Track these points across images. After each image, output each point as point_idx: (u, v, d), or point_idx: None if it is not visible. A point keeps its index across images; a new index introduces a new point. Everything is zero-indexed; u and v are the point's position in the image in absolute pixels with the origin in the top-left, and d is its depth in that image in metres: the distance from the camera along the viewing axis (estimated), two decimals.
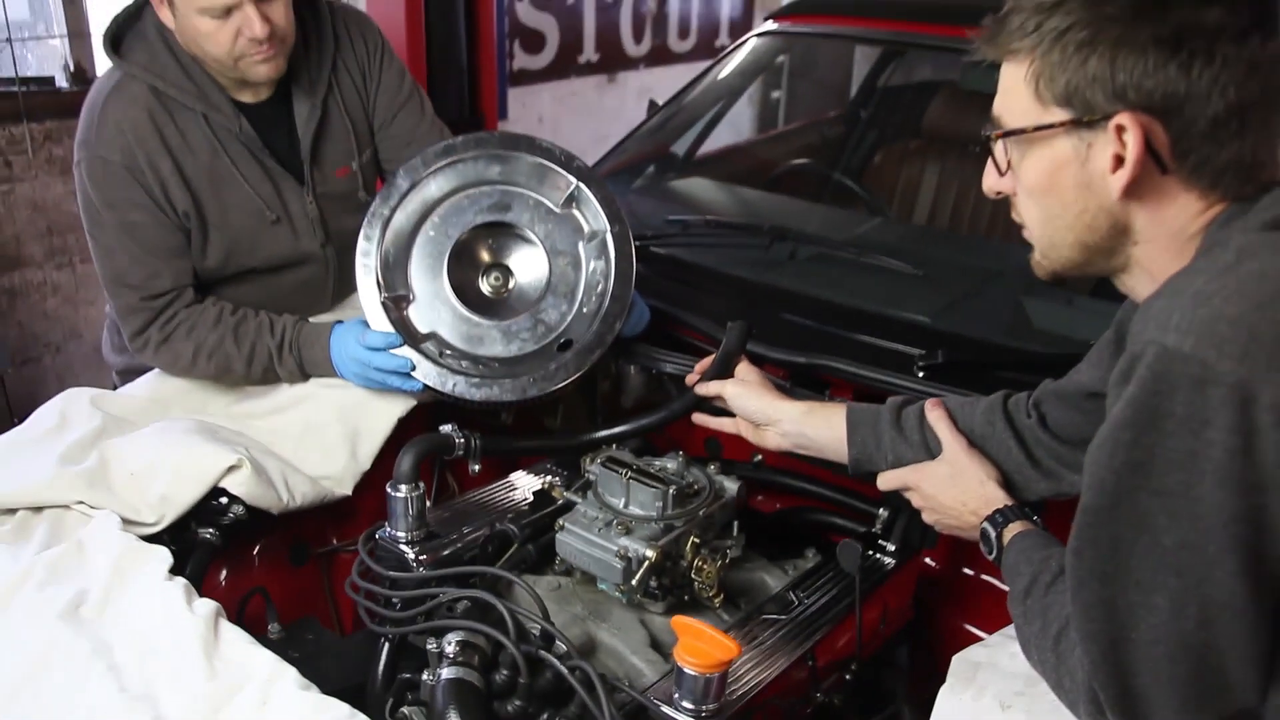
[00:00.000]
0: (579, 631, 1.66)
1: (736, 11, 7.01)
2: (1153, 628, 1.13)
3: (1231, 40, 1.13)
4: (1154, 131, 1.16)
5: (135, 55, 2.08)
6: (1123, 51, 1.15)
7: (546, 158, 2.11)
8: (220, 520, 1.90)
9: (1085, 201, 1.23)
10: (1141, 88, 1.14)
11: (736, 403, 1.91)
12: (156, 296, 2.11)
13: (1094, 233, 1.24)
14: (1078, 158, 1.21)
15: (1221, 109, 1.14)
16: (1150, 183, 1.19)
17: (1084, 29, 1.16)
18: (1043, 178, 1.25)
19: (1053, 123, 1.21)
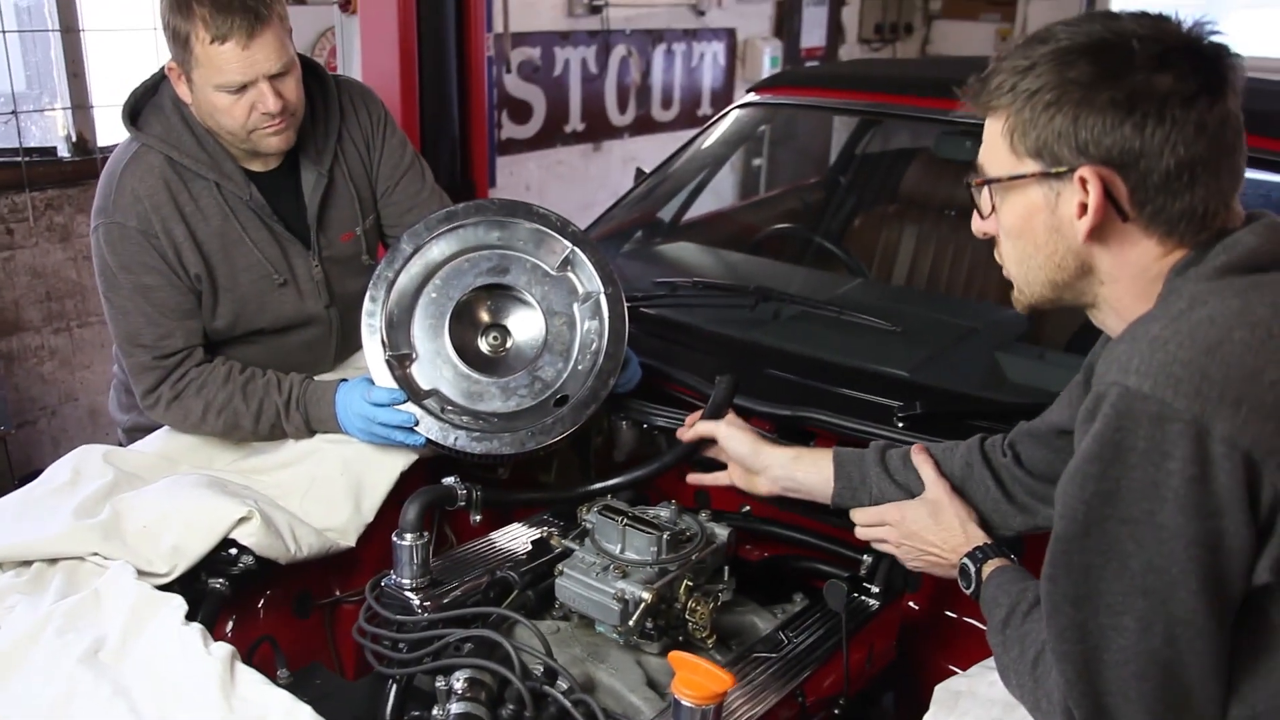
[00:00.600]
0: (578, 672, 1.73)
1: (718, 82, 7.19)
2: (1122, 648, 1.22)
3: (1180, 104, 1.26)
4: (1113, 183, 1.29)
5: (152, 127, 2.18)
6: (1084, 111, 1.28)
7: (543, 223, 2.22)
8: (230, 570, 1.96)
9: (1055, 244, 1.35)
10: (1100, 144, 1.27)
11: (729, 444, 2.01)
12: (168, 356, 2.19)
13: (1063, 272, 1.37)
14: (1048, 205, 1.34)
15: (1173, 164, 1.27)
16: (1112, 228, 1.32)
17: (1051, 91, 1.30)
18: (1018, 221, 1.38)
19: (1025, 173, 1.34)
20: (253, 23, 2.02)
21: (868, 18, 8.33)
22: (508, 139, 5.89)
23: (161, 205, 2.14)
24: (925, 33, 8.73)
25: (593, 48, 6.24)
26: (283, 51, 2.08)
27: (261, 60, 2.05)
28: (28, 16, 4.11)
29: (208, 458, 2.26)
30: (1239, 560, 1.18)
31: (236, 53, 2.02)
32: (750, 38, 7.31)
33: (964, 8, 8.52)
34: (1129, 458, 1.18)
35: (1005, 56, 1.36)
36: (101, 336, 4.30)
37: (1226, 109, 1.29)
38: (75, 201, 4.13)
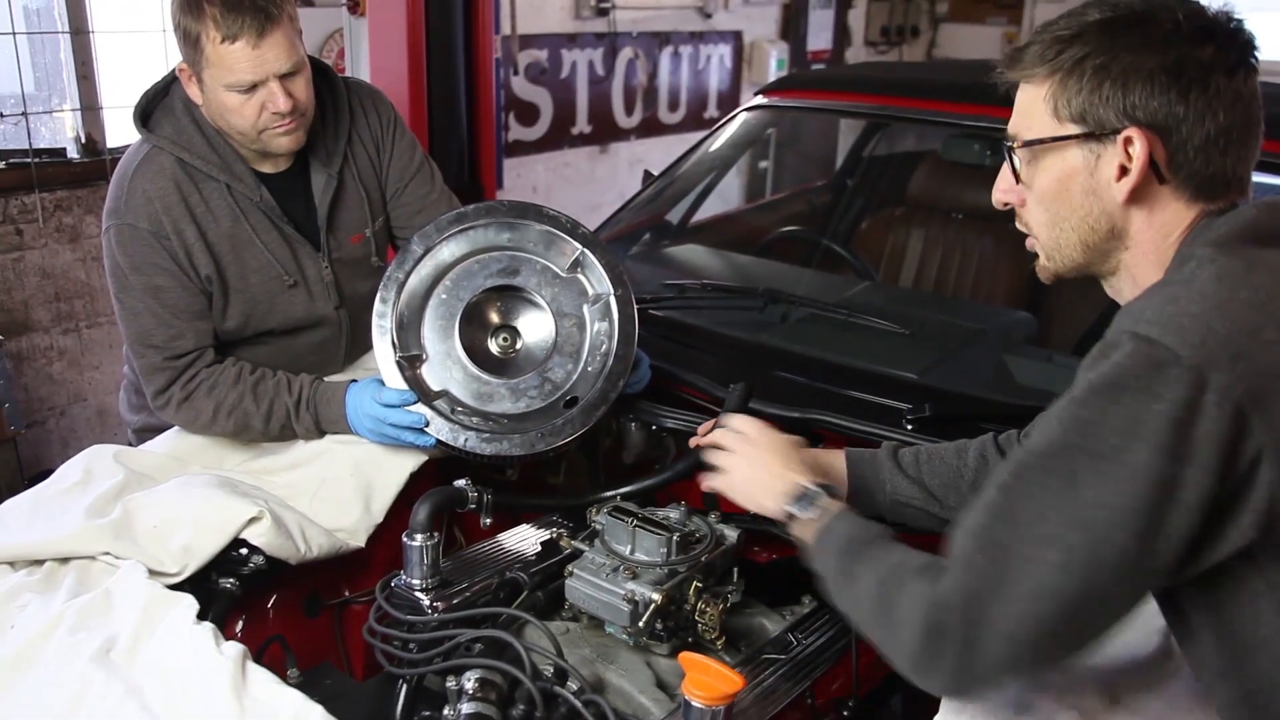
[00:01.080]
0: (588, 672, 1.73)
1: (724, 84, 7.19)
2: (1035, 584, 1.23)
3: (1222, 73, 1.33)
4: (1155, 146, 1.34)
5: (163, 129, 2.19)
6: (1132, 77, 1.34)
7: (553, 225, 2.23)
8: (240, 570, 1.97)
9: (1090, 206, 1.40)
10: (1147, 108, 1.33)
11: None
12: (179, 356, 2.20)
13: (1095, 234, 1.42)
14: (1087, 167, 1.38)
15: (1212, 130, 1.34)
16: (1148, 190, 1.37)
17: (1099, 57, 1.35)
18: (1055, 184, 1.42)
19: (1068, 134, 1.38)
20: (263, 22, 2.03)
21: (874, 20, 8.33)
22: (515, 141, 5.90)
23: (172, 206, 2.15)
24: (932, 35, 8.73)
25: (599, 50, 6.25)
26: (293, 51, 2.09)
27: (272, 60, 2.06)
28: (37, 18, 4.12)
29: (218, 458, 2.27)
30: (1187, 517, 1.20)
31: (247, 52, 2.03)
32: (757, 40, 7.31)
33: (971, 11, 8.52)
34: (1121, 395, 1.22)
35: (1044, 29, 1.41)
36: (110, 337, 4.31)
37: (1255, 84, 1.37)
38: (84, 203, 4.14)
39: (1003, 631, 1.24)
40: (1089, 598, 1.23)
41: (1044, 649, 1.27)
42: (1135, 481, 1.20)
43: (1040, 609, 1.23)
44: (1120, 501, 1.20)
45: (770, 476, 1.70)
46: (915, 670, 1.32)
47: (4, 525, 2.00)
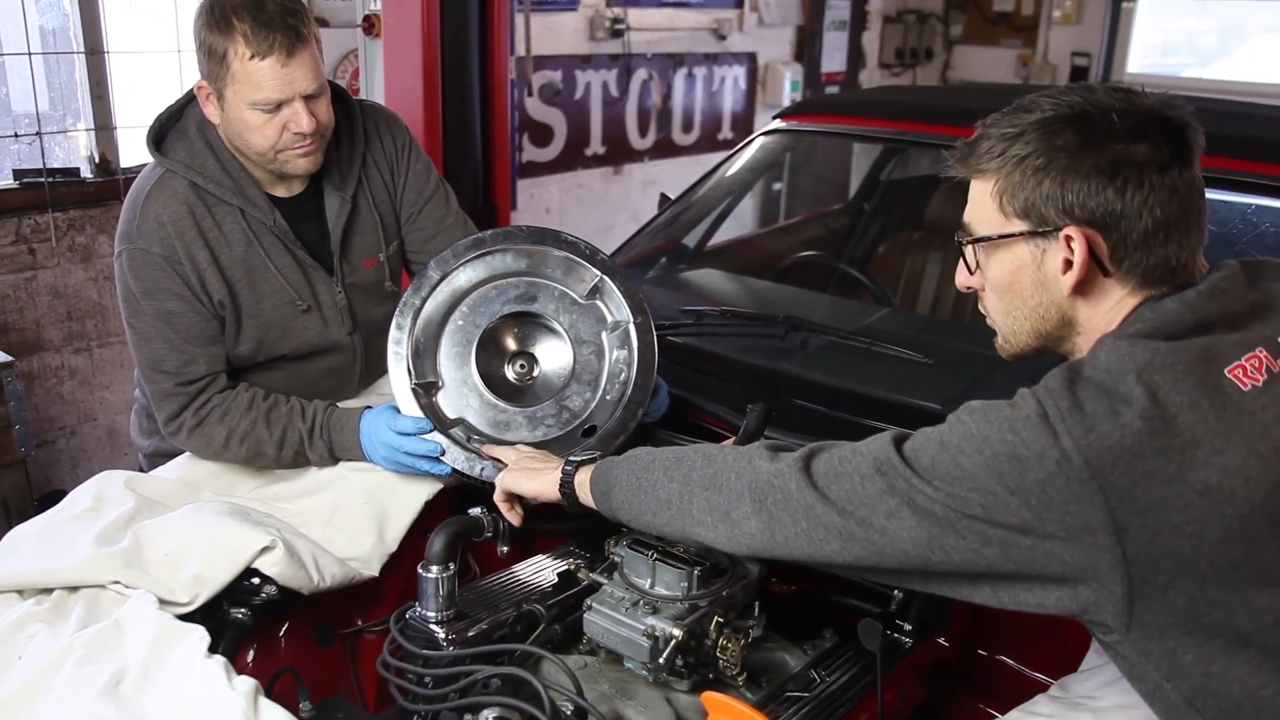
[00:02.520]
0: (607, 709, 1.69)
1: (739, 106, 7.18)
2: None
3: (1156, 170, 1.39)
4: (1096, 241, 1.41)
5: (176, 153, 2.17)
6: (1070, 177, 1.40)
7: (571, 251, 2.20)
8: (252, 600, 1.94)
9: (1040, 297, 1.48)
10: (1085, 206, 1.40)
11: None
12: (191, 382, 2.18)
13: (1046, 323, 1.50)
14: (1034, 261, 1.45)
15: (1150, 224, 1.40)
16: (1093, 282, 1.45)
17: (1039, 157, 1.41)
18: (1006, 276, 1.49)
19: (1014, 232, 1.46)
20: (293, 41, 2.01)
21: (889, 43, 8.33)
22: (528, 161, 5.89)
23: (185, 231, 2.13)
24: (946, 58, 8.72)
25: (614, 71, 6.25)
26: (318, 72, 2.08)
27: (299, 79, 2.04)
28: (53, 38, 4.12)
29: (230, 484, 2.24)
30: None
31: (275, 70, 2.01)
32: (771, 62, 7.31)
33: (985, 33, 8.51)
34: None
35: (992, 124, 1.47)
36: (121, 357, 4.30)
37: (1193, 174, 1.43)
38: (97, 222, 4.13)
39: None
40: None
41: None
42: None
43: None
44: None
45: (535, 468, 1.89)
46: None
47: (13, 552, 1.98)
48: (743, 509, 1.55)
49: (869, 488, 1.44)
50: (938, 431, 1.43)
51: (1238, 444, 1.30)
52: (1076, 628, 1.62)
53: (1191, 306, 1.40)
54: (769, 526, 1.52)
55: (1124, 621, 1.34)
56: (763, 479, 1.54)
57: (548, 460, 1.92)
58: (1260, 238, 2.52)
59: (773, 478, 1.53)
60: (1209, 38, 8.20)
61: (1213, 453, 1.29)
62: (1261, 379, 1.36)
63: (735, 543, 1.58)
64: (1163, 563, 1.30)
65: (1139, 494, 1.28)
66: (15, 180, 3.96)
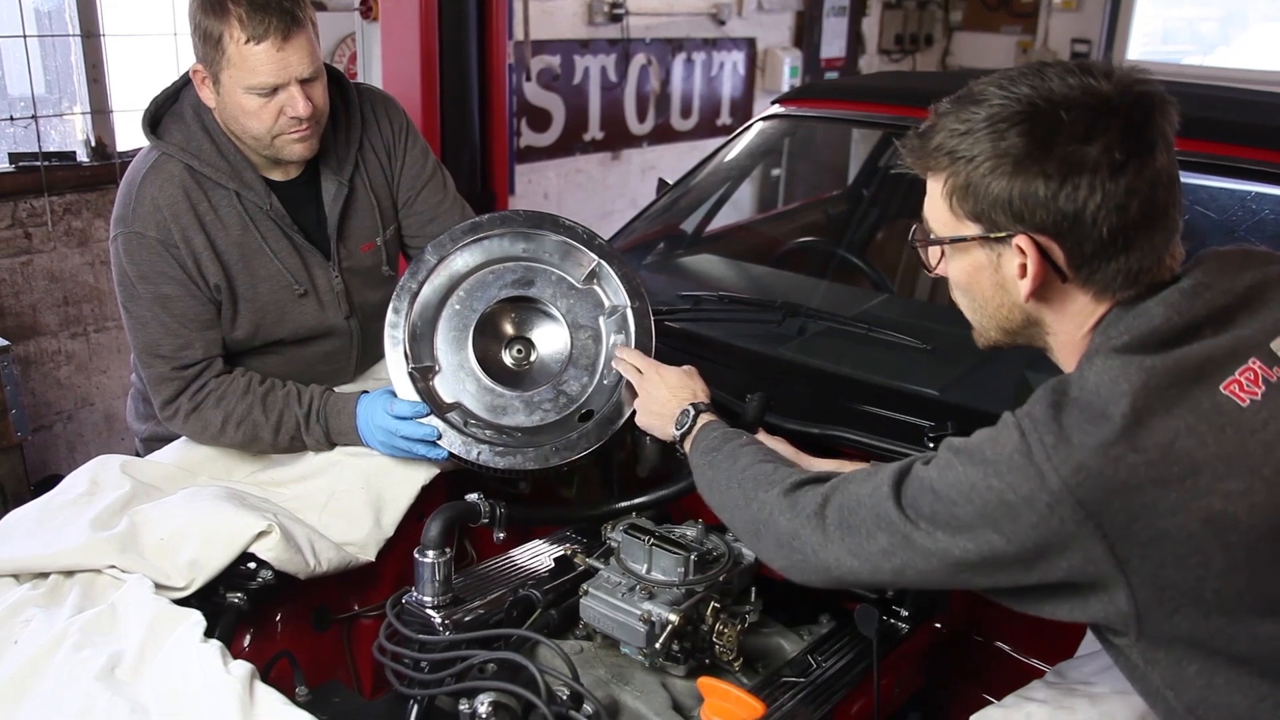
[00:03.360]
0: (603, 694, 1.69)
1: (738, 91, 7.16)
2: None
3: (1109, 173, 1.29)
4: (1051, 248, 1.34)
5: (172, 136, 2.16)
6: (1018, 182, 1.31)
7: (569, 236, 2.19)
8: (248, 585, 1.94)
9: (1001, 299, 1.42)
10: (1035, 214, 1.32)
11: None
12: (187, 366, 2.17)
13: (1011, 322, 1.44)
14: (991, 264, 1.39)
15: (1106, 231, 1.31)
16: (1052, 288, 1.37)
17: (986, 160, 1.33)
18: (964, 277, 1.44)
19: (966, 236, 1.39)
20: (289, 24, 2.00)
21: (888, 29, 8.30)
22: (526, 147, 5.87)
23: (181, 215, 2.12)
24: (946, 44, 8.70)
25: (612, 56, 6.22)
26: (314, 56, 2.07)
27: (295, 63, 2.03)
28: (49, 21, 4.10)
29: (226, 469, 2.24)
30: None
31: (271, 54, 2.00)
32: (770, 47, 7.29)
33: (985, 20, 8.49)
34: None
35: (944, 114, 1.38)
36: (118, 341, 4.29)
37: (1157, 168, 1.31)
38: (93, 206, 4.12)
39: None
40: None
41: None
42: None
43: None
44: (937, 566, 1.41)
45: (661, 407, 1.95)
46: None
47: (9, 537, 1.98)
48: (780, 562, 1.56)
49: (878, 542, 1.40)
50: (929, 476, 1.37)
51: (1240, 467, 1.24)
52: None
53: (1177, 308, 1.32)
54: (805, 575, 1.53)
55: (1134, 632, 1.31)
56: (785, 536, 1.52)
57: (668, 400, 1.95)
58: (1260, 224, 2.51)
59: (793, 537, 1.51)
60: (1210, 25, 8.18)
61: (1215, 479, 1.23)
62: (1260, 392, 1.28)
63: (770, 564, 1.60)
64: (1167, 593, 1.26)
65: (1138, 528, 1.23)
66: (11, 164, 3.94)
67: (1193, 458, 1.23)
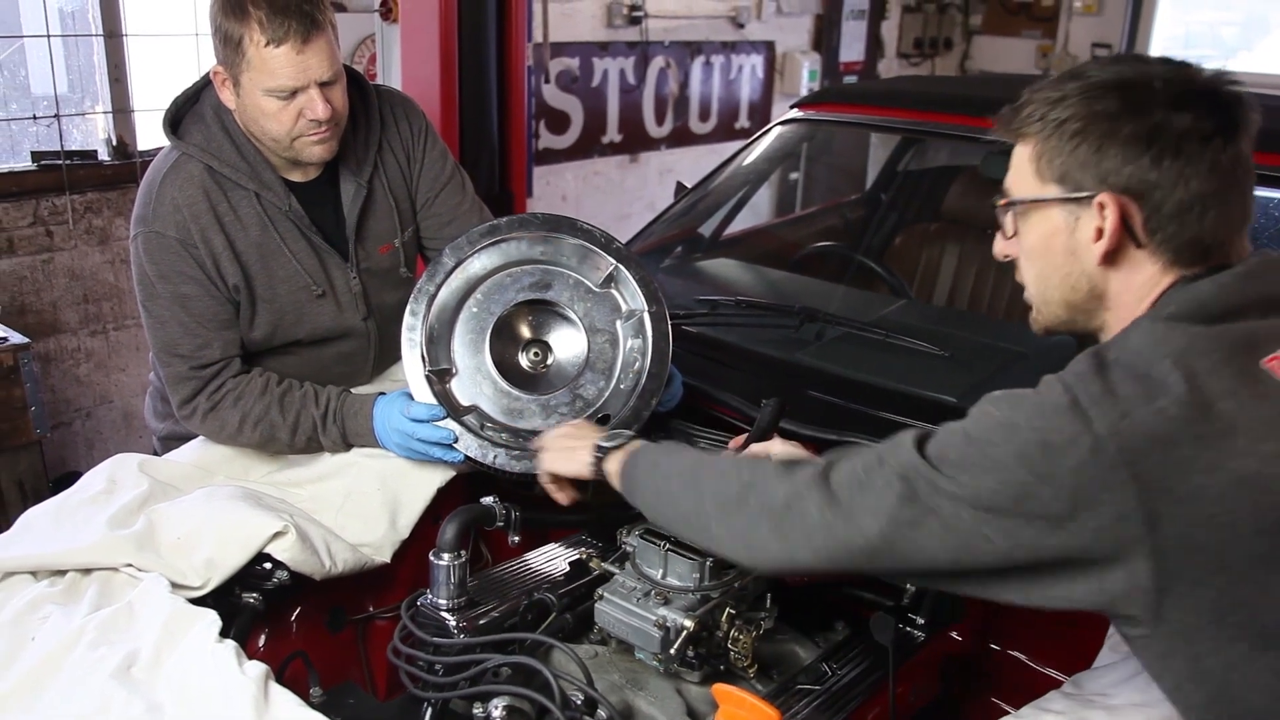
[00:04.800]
0: (617, 700, 1.69)
1: (756, 95, 7.14)
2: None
3: (1196, 142, 1.35)
4: (1129, 210, 1.38)
5: (192, 136, 2.16)
6: (1106, 143, 1.37)
7: (587, 239, 2.19)
8: (264, 585, 1.94)
9: (1071, 265, 1.44)
10: (1120, 173, 1.37)
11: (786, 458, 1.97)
12: (205, 366, 2.18)
13: (1076, 293, 1.46)
14: (1067, 227, 1.43)
15: (1185, 196, 1.36)
16: (1125, 253, 1.41)
17: (1078, 121, 1.39)
18: (1039, 242, 1.47)
19: (1049, 197, 1.44)
20: (308, 28, 2.01)
21: (907, 32, 8.27)
22: (545, 149, 5.88)
23: (201, 215, 2.13)
24: (965, 48, 8.66)
25: (631, 59, 6.22)
26: (334, 59, 2.07)
27: (315, 66, 2.03)
28: (71, 21, 4.13)
29: (243, 469, 2.24)
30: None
31: (291, 57, 2.01)
32: (789, 51, 7.27)
33: (1005, 24, 8.45)
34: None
35: (1038, 88, 1.45)
36: (137, 340, 4.31)
37: (1239, 150, 1.38)
38: (114, 205, 4.14)
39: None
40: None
41: None
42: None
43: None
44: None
45: (570, 441, 1.87)
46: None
47: (28, 534, 1.99)
48: (760, 533, 1.50)
49: (892, 498, 1.37)
50: (961, 426, 1.38)
51: (1278, 432, 1.26)
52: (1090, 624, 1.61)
53: (1227, 289, 1.36)
54: (789, 549, 1.47)
55: (1152, 615, 1.30)
56: (779, 502, 1.47)
57: (583, 436, 1.86)
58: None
59: (791, 500, 1.46)
60: (1231, 30, 8.13)
61: (1252, 441, 1.25)
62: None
63: (755, 563, 1.56)
64: (1194, 556, 1.26)
65: (1173, 483, 1.24)
66: (33, 162, 3.97)
67: (1231, 419, 1.25)
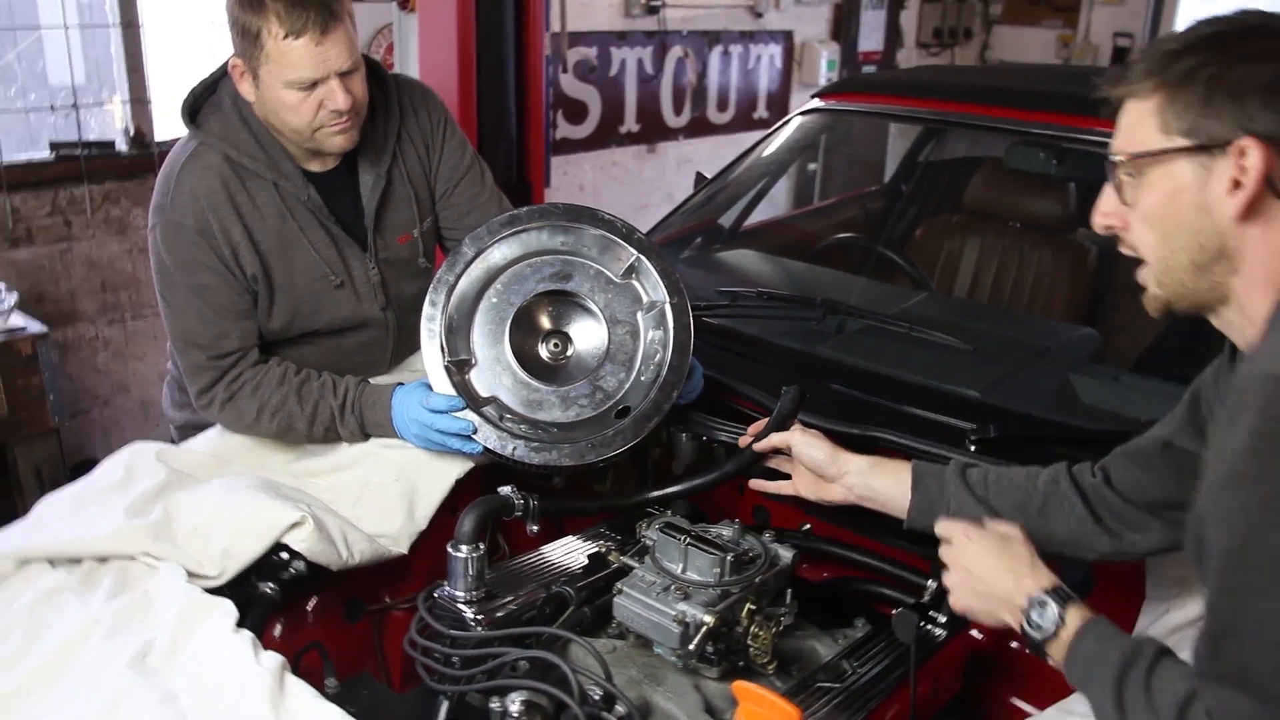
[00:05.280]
0: (634, 695, 1.67)
1: (774, 85, 7.11)
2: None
3: None
4: (1271, 159, 1.27)
5: (210, 125, 2.15)
6: (1246, 87, 1.27)
7: (608, 230, 2.17)
8: (281, 575, 1.93)
9: (1200, 223, 1.32)
10: (1263, 118, 1.26)
11: (804, 450, 1.96)
12: (223, 356, 2.17)
13: (1205, 253, 1.33)
14: (1197, 182, 1.31)
15: None
16: (1263, 206, 1.29)
17: (1211, 68, 1.29)
18: (1162, 200, 1.34)
19: (1176, 148, 1.32)
20: (327, 19, 1.99)
21: (926, 22, 8.22)
22: (562, 139, 5.86)
23: (219, 205, 2.11)
24: (985, 38, 8.61)
25: (649, 48, 6.20)
26: (353, 49, 2.06)
27: (334, 57, 2.02)
28: (89, 11, 4.12)
29: (260, 459, 2.24)
30: None
31: (310, 49, 1.99)
32: (807, 40, 7.23)
33: (1025, 13, 8.39)
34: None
35: (1151, 46, 1.36)
36: (154, 329, 4.31)
37: None
38: (132, 195, 4.14)
39: None
40: None
41: None
42: None
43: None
44: None
45: (989, 589, 1.55)
46: None
47: (45, 522, 1.99)
48: None
49: None
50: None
51: None
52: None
53: None
54: None
55: None
56: None
57: (999, 580, 1.54)
58: None
59: None
60: None
61: None
62: None
63: None
64: None
65: None
66: (52, 153, 3.98)
67: None
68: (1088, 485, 1.72)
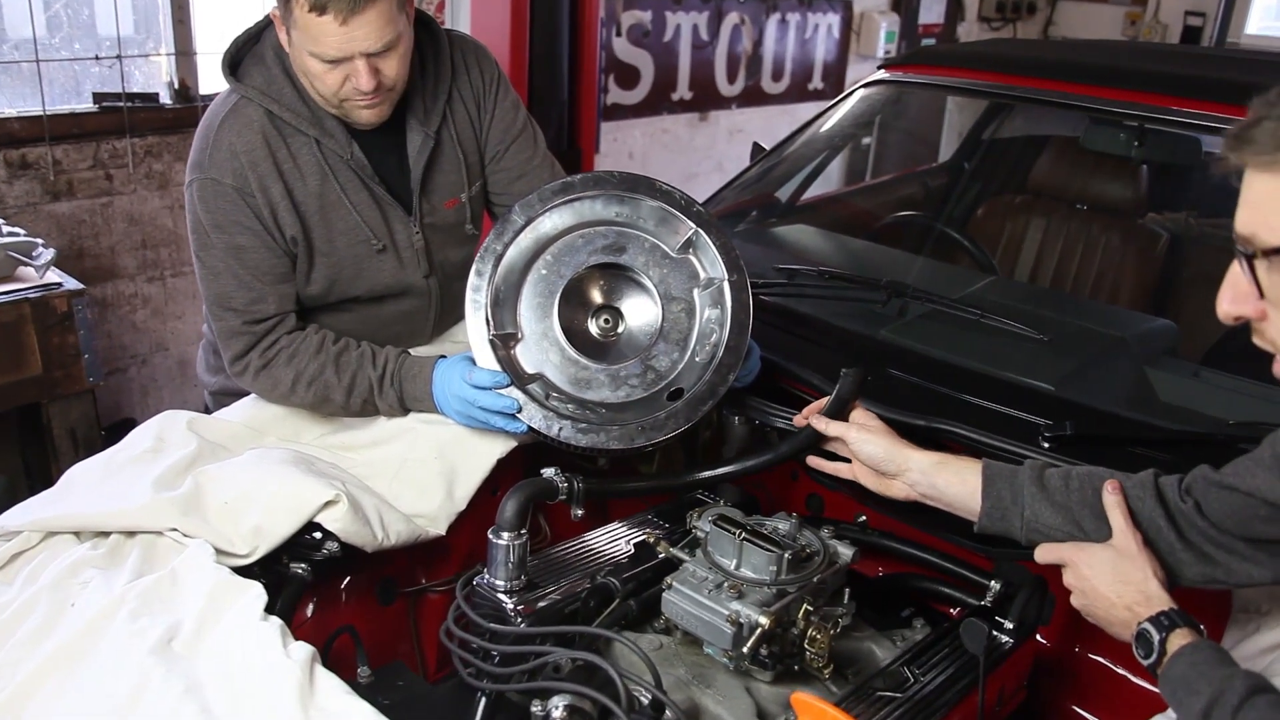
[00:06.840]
0: (682, 697, 1.58)
1: (831, 55, 6.95)
2: None
3: None
4: None
5: (252, 79, 2.05)
6: None
7: (666, 201, 2.05)
8: (313, 556, 1.84)
9: None
10: None
11: (861, 448, 1.86)
12: (259, 321, 2.08)
13: None
14: None
15: None
16: None
17: None
18: None
19: None
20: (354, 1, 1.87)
21: None
22: (613, 104, 5.75)
23: (259, 162, 2.02)
24: (1049, 14, 8.37)
25: (705, 14, 6.06)
26: (387, 28, 1.92)
27: (360, 38, 1.90)
28: None
29: (295, 430, 2.15)
30: None
31: (334, 27, 1.88)
32: (867, 11, 7.07)
33: None
34: None
35: (1273, 102, 1.15)
36: (193, 287, 4.25)
37: None
38: (175, 149, 4.07)
39: None
40: None
41: None
42: None
43: None
44: None
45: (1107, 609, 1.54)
46: None
47: (72, 492, 1.92)
48: None
49: None
50: None
51: None
52: None
53: None
54: None
55: None
56: None
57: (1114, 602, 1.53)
58: None
59: None
60: None
61: None
62: None
63: None
64: None
65: None
66: (95, 104, 3.91)
67: None
68: (1176, 509, 1.58)
